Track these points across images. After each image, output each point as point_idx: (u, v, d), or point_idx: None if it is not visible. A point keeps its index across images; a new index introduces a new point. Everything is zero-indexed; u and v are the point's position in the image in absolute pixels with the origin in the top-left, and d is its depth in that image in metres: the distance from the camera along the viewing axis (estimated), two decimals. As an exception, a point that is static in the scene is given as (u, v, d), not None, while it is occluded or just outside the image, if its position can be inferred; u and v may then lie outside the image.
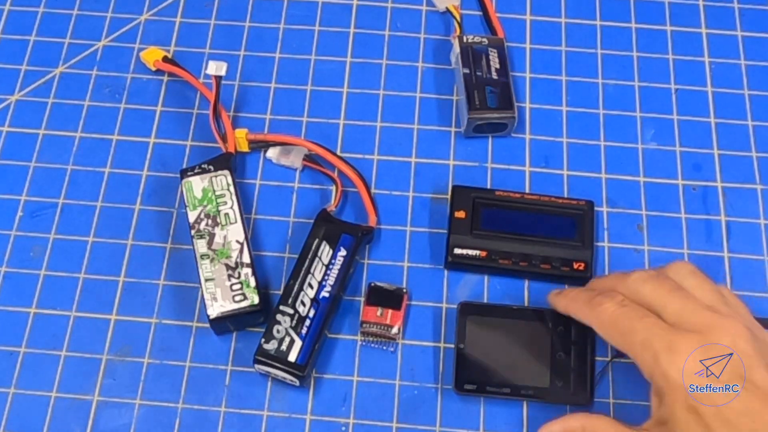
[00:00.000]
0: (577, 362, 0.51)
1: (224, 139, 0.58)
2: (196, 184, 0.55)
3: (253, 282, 0.52)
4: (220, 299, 0.52)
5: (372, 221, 0.57)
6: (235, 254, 0.53)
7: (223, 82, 0.57)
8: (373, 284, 0.55)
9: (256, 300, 0.52)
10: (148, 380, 0.53)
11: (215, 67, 0.57)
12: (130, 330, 0.54)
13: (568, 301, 0.49)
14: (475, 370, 0.51)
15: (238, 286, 0.52)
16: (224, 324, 0.53)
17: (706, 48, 0.65)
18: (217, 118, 0.58)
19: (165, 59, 0.62)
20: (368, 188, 0.58)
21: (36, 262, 0.56)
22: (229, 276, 0.52)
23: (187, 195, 0.55)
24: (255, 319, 0.53)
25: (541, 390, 0.51)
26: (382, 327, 0.53)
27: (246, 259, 0.53)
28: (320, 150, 0.58)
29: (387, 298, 0.54)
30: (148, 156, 0.60)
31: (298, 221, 0.58)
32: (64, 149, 0.60)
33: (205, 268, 0.53)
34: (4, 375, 0.53)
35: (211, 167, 0.56)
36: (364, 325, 0.53)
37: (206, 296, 0.52)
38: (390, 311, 0.54)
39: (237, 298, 0.52)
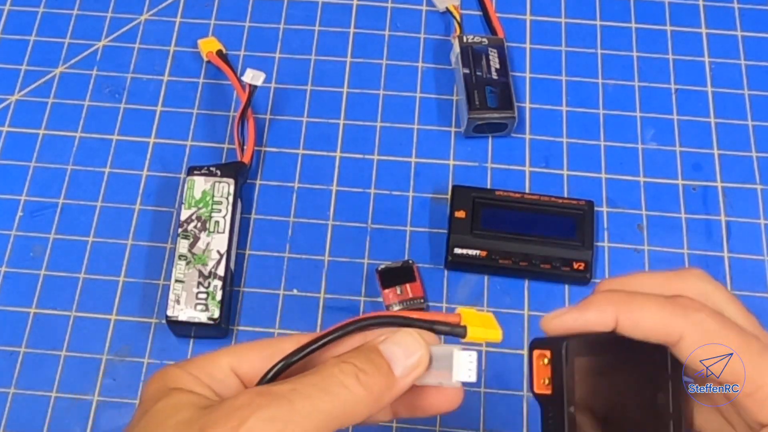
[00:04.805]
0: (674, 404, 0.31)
1: (243, 147, 0.58)
2: (199, 185, 0.55)
3: (219, 296, 0.52)
4: (182, 303, 0.52)
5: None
6: (211, 263, 0.53)
7: (225, 82, 0.57)
8: (380, 268, 0.55)
9: (217, 314, 0.51)
10: (148, 380, 0.53)
11: (252, 76, 0.56)
12: (130, 330, 0.54)
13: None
14: None
15: (204, 295, 0.52)
16: (181, 327, 0.52)
17: (706, 48, 0.65)
18: (243, 123, 0.58)
19: (219, 53, 0.62)
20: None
21: (36, 262, 0.56)
22: (199, 283, 0.52)
23: (187, 192, 0.55)
24: (211, 332, 0.53)
25: None
26: (408, 303, 0.54)
27: (221, 271, 0.52)
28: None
29: (398, 275, 0.54)
30: (148, 156, 0.60)
31: (297, 221, 0.58)
32: (64, 149, 0.60)
33: (179, 269, 0.52)
34: (4, 375, 0.53)
35: (218, 172, 0.55)
36: (390, 309, 0.54)
37: (171, 296, 0.52)
38: (407, 285, 0.54)
39: (199, 307, 0.51)
